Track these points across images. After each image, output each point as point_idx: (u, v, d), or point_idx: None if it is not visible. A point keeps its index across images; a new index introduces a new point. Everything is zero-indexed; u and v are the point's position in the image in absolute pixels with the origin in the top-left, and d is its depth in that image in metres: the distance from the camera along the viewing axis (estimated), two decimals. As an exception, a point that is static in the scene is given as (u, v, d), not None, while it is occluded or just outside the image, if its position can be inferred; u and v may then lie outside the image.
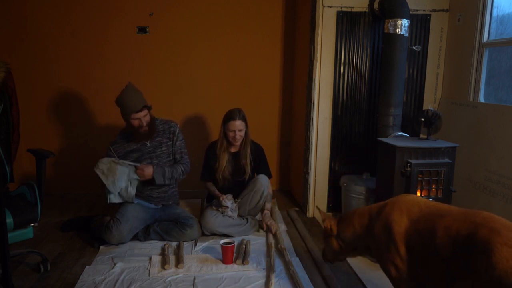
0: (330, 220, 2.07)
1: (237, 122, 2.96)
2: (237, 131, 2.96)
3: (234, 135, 2.97)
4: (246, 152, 3.05)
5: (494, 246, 1.32)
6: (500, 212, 2.57)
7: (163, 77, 3.93)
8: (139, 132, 2.87)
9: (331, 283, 2.36)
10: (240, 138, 3.00)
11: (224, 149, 3.05)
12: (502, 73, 2.86)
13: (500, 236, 1.35)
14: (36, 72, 3.80)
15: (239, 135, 2.97)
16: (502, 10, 2.86)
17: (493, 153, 2.67)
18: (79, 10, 3.75)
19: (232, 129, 2.96)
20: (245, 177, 3.08)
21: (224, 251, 2.53)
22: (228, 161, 3.06)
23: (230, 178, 3.07)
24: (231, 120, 2.97)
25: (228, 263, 2.54)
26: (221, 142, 3.05)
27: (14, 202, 2.42)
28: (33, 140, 3.74)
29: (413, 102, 3.39)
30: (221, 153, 3.04)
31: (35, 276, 2.41)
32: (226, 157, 3.04)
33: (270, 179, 3.13)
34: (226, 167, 3.04)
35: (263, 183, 3.02)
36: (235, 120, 2.95)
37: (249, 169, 3.07)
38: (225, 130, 3.02)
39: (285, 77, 4.09)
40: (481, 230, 1.41)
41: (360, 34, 3.24)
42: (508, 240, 1.33)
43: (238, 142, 3.03)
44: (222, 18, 3.91)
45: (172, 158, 3.02)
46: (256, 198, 3.02)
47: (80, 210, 3.51)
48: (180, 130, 3.05)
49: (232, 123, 2.96)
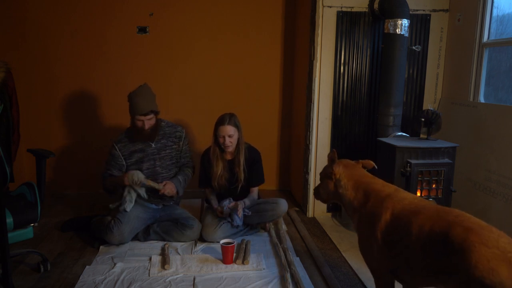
0: (339, 168, 1.99)
1: (227, 127, 2.82)
2: (227, 136, 2.82)
3: (224, 141, 2.83)
4: (240, 160, 2.92)
5: (472, 245, 1.33)
6: (500, 212, 2.57)
7: (163, 77, 3.93)
8: (140, 132, 2.89)
9: (331, 283, 2.36)
10: (231, 144, 2.85)
11: (218, 156, 2.93)
12: (502, 73, 2.86)
13: (476, 235, 1.36)
14: (36, 72, 3.80)
15: (228, 140, 2.83)
16: (502, 10, 2.86)
17: (493, 153, 2.67)
18: (79, 10, 3.75)
19: (222, 135, 2.83)
20: (237, 184, 2.96)
21: (224, 251, 2.53)
22: (224, 168, 2.96)
23: (227, 185, 2.99)
24: (220, 125, 2.84)
25: (228, 263, 2.54)
26: (213, 148, 2.93)
27: (14, 202, 2.42)
28: (33, 140, 3.73)
29: (413, 102, 3.39)
30: (215, 160, 2.93)
31: (35, 276, 2.41)
32: (221, 164, 2.94)
33: (263, 183, 3.07)
34: (222, 175, 2.95)
35: (283, 210, 2.98)
36: (225, 125, 2.82)
37: (243, 177, 2.95)
38: (216, 135, 2.91)
39: (285, 77, 4.09)
40: (454, 229, 1.41)
41: (360, 34, 3.24)
42: (484, 239, 1.34)
43: (229, 149, 2.89)
44: (222, 19, 3.91)
45: (175, 161, 3.04)
46: (270, 219, 3.00)
47: (80, 210, 3.51)
48: (186, 134, 3.07)
49: (221, 128, 2.83)
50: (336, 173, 1.98)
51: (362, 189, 1.90)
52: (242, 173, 2.94)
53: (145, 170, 2.92)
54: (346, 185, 1.95)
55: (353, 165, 2.03)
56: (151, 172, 2.93)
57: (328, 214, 3.51)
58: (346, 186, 1.95)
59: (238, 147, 2.93)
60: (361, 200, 1.88)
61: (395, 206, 1.72)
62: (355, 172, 1.98)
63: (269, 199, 3.06)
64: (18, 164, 3.48)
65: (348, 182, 1.95)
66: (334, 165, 2.00)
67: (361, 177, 1.95)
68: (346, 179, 1.96)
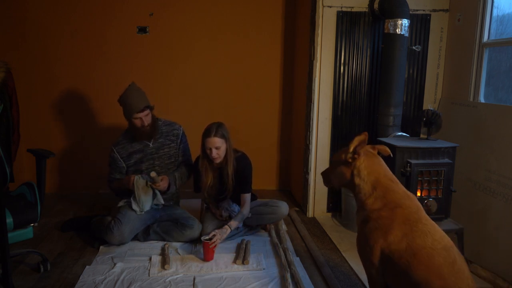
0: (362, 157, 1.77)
1: (214, 139, 2.72)
2: (214, 148, 2.73)
3: (211, 153, 2.74)
4: (228, 170, 2.82)
5: None
6: (500, 212, 2.57)
7: (163, 77, 3.93)
8: (141, 131, 2.88)
9: (331, 283, 2.36)
10: (218, 156, 2.76)
11: (206, 167, 2.86)
12: (502, 73, 2.86)
13: None
14: (36, 72, 3.80)
15: (216, 152, 2.74)
16: (502, 10, 2.86)
17: (493, 153, 2.67)
18: (79, 10, 3.75)
19: (209, 147, 2.74)
20: (226, 194, 2.91)
21: (205, 247, 2.54)
22: (214, 178, 2.90)
23: (216, 194, 2.95)
24: (207, 137, 2.75)
25: (209, 259, 2.56)
26: (202, 158, 2.86)
27: (14, 202, 2.42)
28: (33, 140, 3.73)
29: (413, 102, 3.39)
30: (204, 171, 2.86)
31: (35, 276, 2.40)
32: (211, 174, 2.88)
33: (249, 193, 2.93)
34: (213, 185, 2.90)
35: (284, 213, 2.98)
36: (211, 137, 2.72)
37: (231, 187, 2.87)
38: (203, 147, 2.81)
39: (285, 77, 4.09)
40: None
41: (360, 34, 3.24)
42: None
43: (216, 161, 2.80)
44: (222, 19, 3.91)
45: (174, 160, 3.03)
46: (270, 221, 3.01)
47: (80, 210, 3.51)
48: (184, 132, 3.06)
49: (208, 140, 2.74)
50: (358, 163, 1.77)
51: (381, 191, 1.73)
52: (231, 183, 2.86)
53: (144, 170, 2.93)
54: (366, 179, 1.76)
55: (374, 156, 1.82)
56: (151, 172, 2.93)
57: (328, 214, 3.51)
58: (365, 180, 1.76)
59: (226, 158, 2.83)
60: (374, 202, 1.72)
61: (408, 233, 1.59)
62: (377, 167, 1.78)
63: (269, 201, 3.04)
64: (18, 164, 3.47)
65: (369, 176, 1.76)
66: (359, 154, 1.77)
67: (382, 176, 1.77)
68: (366, 171, 1.77)
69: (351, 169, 1.80)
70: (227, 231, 2.73)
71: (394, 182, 1.77)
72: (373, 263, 1.71)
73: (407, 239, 1.59)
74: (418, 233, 1.60)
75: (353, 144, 1.76)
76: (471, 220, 2.81)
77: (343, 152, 1.83)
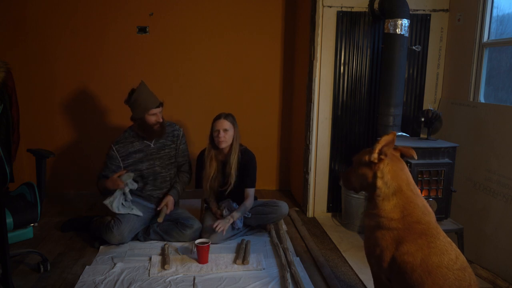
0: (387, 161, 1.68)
1: (223, 121, 2.81)
2: (222, 130, 2.79)
3: (218, 135, 2.79)
4: (232, 160, 2.85)
5: None
6: (500, 212, 2.57)
7: (163, 77, 3.93)
8: (153, 129, 2.88)
9: (331, 283, 2.36)
10: (225, 140, 2.80)
11: (212, 156, 2.89)
12: (502, 73, 2.86)
13: None
14: (36, 72, 3.80)
15: (223, 135, 2.78)
16: (502, 10, 2.86)
17: (493, 153, 2.67)
18: (79, 10, 3.75)
19: (217, 128, 2.80)
20: (226, 187, 2.90)
21: (200, 251, 2.53)
22: (218, 170, 2.92)
23: (217, 187, 2.96)
24: (217, 120, 2.84)
25: (203, 262, 2.54)
26: (208, 148, 2.91)
27: (14, 202, 2.42)
28: (33, 140, 3.74)
29: (413, 102, 3.39)
30: (209, 160, 2.89)
31: (35, 276, 2.40)
32: (214, 165, 2.90)
33: (253, 188, 2.96)
34: (216, 177, 2.91)
35: (284, 213, 2.97)
36: (221, 119, 2.82)
37: (233, 180, 2.88)
38: (212, 133, 2.87)
39: (285, 77, 4.09)
40: None
41: (360, 34, 3.24)
42: None
43: (223, 145, 2.82)
44: (222, 19, 3.91)
45: (174, 161, 3.03)
46: (270, 221, 3.01)
47: (80, 210, 3.51)
48: (183, 134, 3.08)
49: (217, 121, 2.83)
50: (382, 165, 1.68)
51: (401, 200, 1.65)
52: (234, 175, 2.88)
53: (144, 170, 2.93)
54: (388, 183, 1.67)
55: (399, 160, 1.73)
56: (151, 172, 2.94)
57: (328, 214, 3.51)
58: (388, 184, 1.67)
59: (231, 147, 2.88)
60: (393, 210, 1.64)
61: (424, 247, 1.54)
62: (401, 173, 1.69)
63: (269, 201, 3.04)
64: (18, 164, 3.48)
65: (392, 182, 1.66)
66: (386, 155, 1.68)
67: (405, 184, 1.67)
68: (390, 176, 1.67)
69: (373, 171, 1.70)
70: (230, 220, 2.77)
71: (415, 194, 1.68)
72: (382, 267, 1.67)
73: (422, 253, 1.54)
74: (434, 250, 1.55)
75: (380, 144, 1.66)
76: (471, 220, 2.82)
77: (367, 153, 1.73)
